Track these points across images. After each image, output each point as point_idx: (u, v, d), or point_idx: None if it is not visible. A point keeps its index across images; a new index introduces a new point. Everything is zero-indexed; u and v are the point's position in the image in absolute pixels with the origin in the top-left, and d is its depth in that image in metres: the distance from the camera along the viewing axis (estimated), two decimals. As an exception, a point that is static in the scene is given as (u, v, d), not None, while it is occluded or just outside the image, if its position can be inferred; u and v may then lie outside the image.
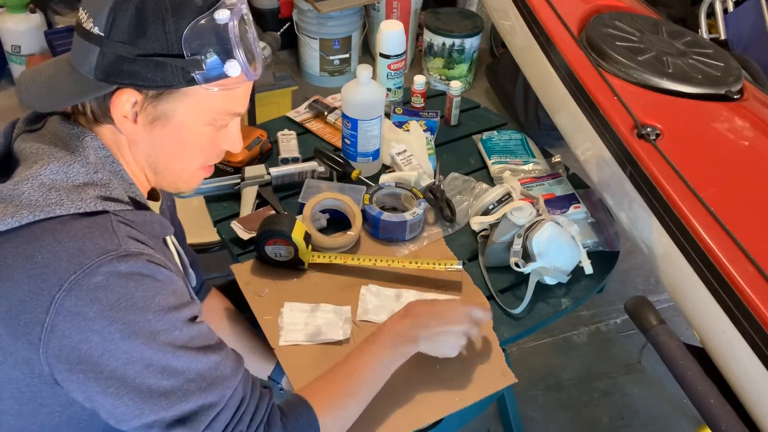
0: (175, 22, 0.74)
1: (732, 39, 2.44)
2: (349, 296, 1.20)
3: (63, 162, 0.78)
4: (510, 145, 1.57)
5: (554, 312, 1.23)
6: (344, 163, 1.43)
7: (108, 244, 0.75)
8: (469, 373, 1.09)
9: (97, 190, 0.79)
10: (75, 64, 0.79)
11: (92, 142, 0.82)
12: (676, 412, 1.93)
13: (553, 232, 1.21)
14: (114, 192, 0.81)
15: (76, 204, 0.76)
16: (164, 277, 0.78)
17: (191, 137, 0.83)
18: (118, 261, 0.74)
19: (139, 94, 0.78)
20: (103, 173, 0.81)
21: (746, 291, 0.98)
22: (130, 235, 0.78)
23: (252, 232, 1.28)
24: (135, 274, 0.75)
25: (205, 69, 0.76)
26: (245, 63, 0.78)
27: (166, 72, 0.76)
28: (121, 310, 0.74)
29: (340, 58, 3.09)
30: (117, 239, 0.76)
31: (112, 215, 0.78)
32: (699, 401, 1.00)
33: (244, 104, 0.85)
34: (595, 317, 2.20)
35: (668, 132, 1.21)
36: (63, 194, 0.76)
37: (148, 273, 0.76)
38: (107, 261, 0.74)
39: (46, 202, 0.75)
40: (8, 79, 3.01)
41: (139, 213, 0.83)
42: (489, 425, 1.86)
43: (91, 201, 0.77)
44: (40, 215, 0.75)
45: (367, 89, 1.38)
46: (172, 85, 0.77)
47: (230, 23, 0.76)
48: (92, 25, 0.76)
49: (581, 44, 1.41)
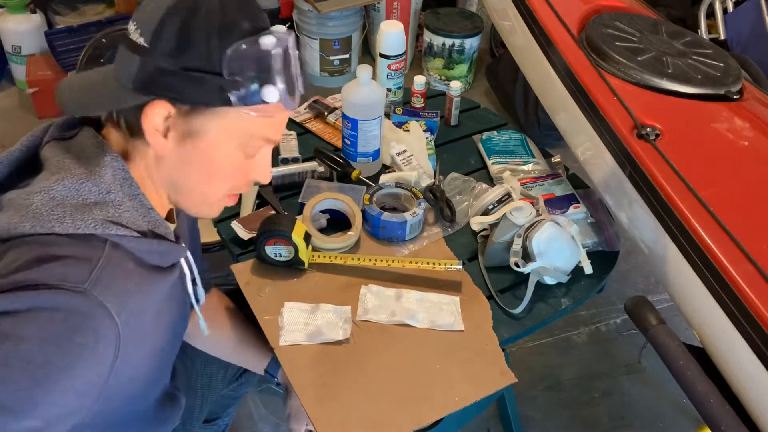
0: (220, 41, 0.75)
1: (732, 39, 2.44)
2: (349, 296, 1.20)
3: (77, 179, 0.78)
4: (510, 146, 1.57)
5: (554, 312, 1.23)
6: (344, 163, 1.43)
7: (74, 275, 0.72)
8: (469, 373, 1.09)
9: (104, 211, 0.77)
10: (116, 74, 0.80)
11: (112, 162, 0.80)
12: (676, 412, 1.93)
13: (553, 232, 1.21)
14: (124, 215, 0.79)
15: (76, 223, 0.75)
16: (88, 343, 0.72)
17: (221, 159, 0.82)
18: (68, 294, 0.71)
19: (172, 107, 0.77)
20: (116, 194, 0.79)
21: (746, 291, 0.98)
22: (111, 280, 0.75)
23: (252, 232, 1.28)
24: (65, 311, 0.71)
25: (242, 90, 0.76)
26: (284, 92, 0.78)
27: (204, 88, 0.76)
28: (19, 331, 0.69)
29: (340, 59, 3.09)
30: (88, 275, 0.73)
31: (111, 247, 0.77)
32: (699, 401, 1.00)
33: (278, 133, 0.84)
34: (595, 317, 2.20)
35: (668, 132, 1.21)
36: (68, 211, 0.75)
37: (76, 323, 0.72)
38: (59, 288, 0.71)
39: (49, 217, 0.75)
40: (8, 79, 3.01)
41: (144, 242, 0.80)
42: (489, 425, 1.86)
43: (92, 222, 0.76)
44: (40, 230, 0.74)
45: (367, 89, 1.38)
46: (207, 102, 0.77)
47: (274, 51, 0.76)
48: (138, 36, 0.77)
49: (581, 44, 1.41)
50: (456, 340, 1.14)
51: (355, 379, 1.07)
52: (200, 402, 1.30)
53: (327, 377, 1.07)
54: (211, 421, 1.47)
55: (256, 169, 0.86)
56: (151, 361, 0.89)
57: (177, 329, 0.99)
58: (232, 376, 1.37)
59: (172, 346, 0.98)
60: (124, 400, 0.87)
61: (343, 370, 1.09)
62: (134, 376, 0.86)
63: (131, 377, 0.85)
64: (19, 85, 2.95)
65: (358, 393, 1.06)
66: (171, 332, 0.95)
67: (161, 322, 0.89)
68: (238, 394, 1.46)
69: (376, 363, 1.10)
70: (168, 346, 0.95)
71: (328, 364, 1.09)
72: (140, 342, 0.82)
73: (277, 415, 1.83)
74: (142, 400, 0.95)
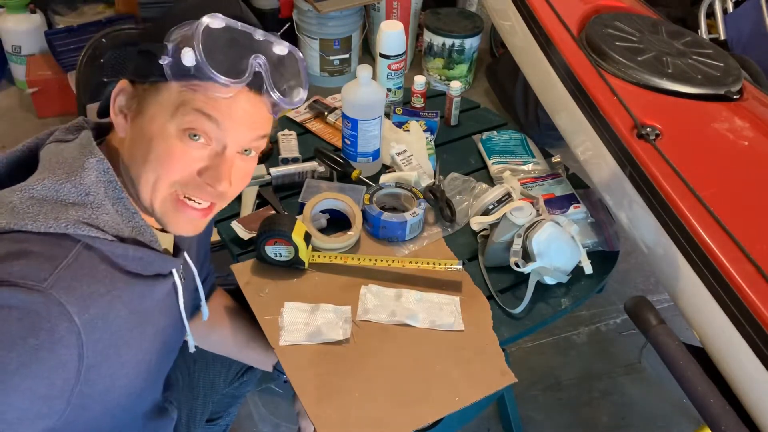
0: (177, 22, 0.78)
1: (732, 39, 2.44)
2: (349, 296, 1.20)
3: (57, 180, 0.77)
4: (510, 145, 1.57)
5: (554, 312, 1.23)
6: (344, 163, 1.43)
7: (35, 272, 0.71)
8: (469, 373, 1.09)
9: (80, 212, 0.76)
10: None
11: (97, 164, 0.80)
12: (676, 412, 1.93)
13: (553, 232, 1.21)
14: (102, 217, 0.78)
15: (48, 222, 0.74)
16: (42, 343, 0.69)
17: (155, 132, 0.79)
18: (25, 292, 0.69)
19: (130, 86, 0.81)
20: (96, 196, 0.78)
21: (746, 291, 0.98)
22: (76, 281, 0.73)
23: (252, 232, 1.28)
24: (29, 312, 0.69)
25: (169, 55, 0.76)
26: (203, 58, 0.75)
27: (148, 62, 0.78)
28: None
29: (340, 59, 3.09)
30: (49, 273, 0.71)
31: (83, 248, 0.75)
32: (699, 401, 1.00)
33: (217, 111, 0.78)
34: (595, 317, 2.20)
35: (668, 132, 1.21)
36: (43, 210, 0.75)
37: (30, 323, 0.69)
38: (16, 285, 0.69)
39: (24, 214, 0.74)
40: (8, 79, 3.01)
41: (118, 246, 0.78)
42: (489, 425, 1.86)
43: (65, 222, 0.74)
44: (14, 227, 0.73)
45: (367, 89, 1.38)
46: (150, 74, 0.78)
47: (212, 24, 0.77)
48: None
49: (581, 44, 1.41)
50: (456, 340, 1.14)
51: (355, 379, 1.07)
52: (202, 402, 1.30)
53: (327, 377, 1.07)
54: (213, 420, 1.47)
55: (209, 169, 0.80)
56: (133, 372, 0.85)
57: (169, 342, 0.95)
58: (234, 375, 1.37)
59: (162, 359, 0.94)
60: (102, 411, 0.83)
61: (343, 370, 1.09)
62: (110, 386, 0.81)
63: (107, 387, 0.81)
64: (19, 85, 2.95)
65: (358, 393, 1.06)
66: (160, 345, 0.91)
67: (146, 332, 0.85)
68: (240, 393, 1.46)
69: (376, 363, 1.10)
70: (156, 358, 0.91)
71: (328, 364, 1.09)
72: (114, 350, 0.79)
73: (277, 415, 1.83)
74: (126, 412, 0.89)
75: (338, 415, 1.03)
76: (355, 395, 1.05)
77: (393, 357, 1.11)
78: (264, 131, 0.84)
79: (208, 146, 0.80)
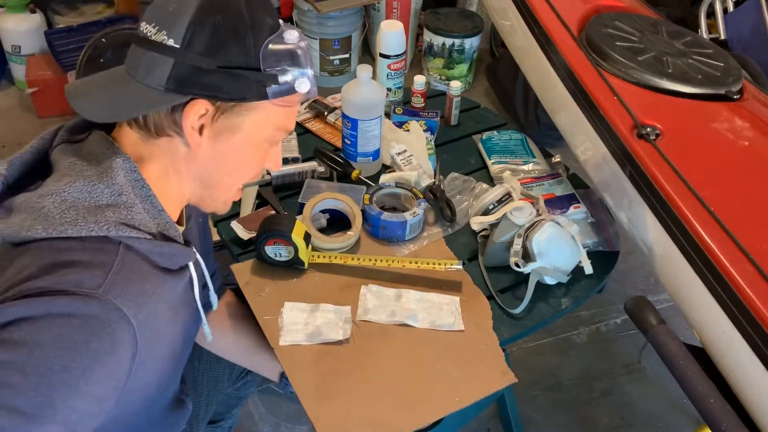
0: (254, 37, 0.78)
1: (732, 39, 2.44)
2: (349, 296, 1.20)
3: (88, 181, 0.78)
4: (510, 145, 1.57)
5: (554, 312, 1.23)
6: (344, 163, 1.43)
7: (89, 279, 0.73)
8: (469, 373, 1.09)
9: (117, 213, 0.77)
10: (138, 76, 0.79)
11: (124, 164, 0.80)
12: (676, 412, 1.93)
13: (553, 232, 1.21)
14: (137, 217, 0.79)
15: (89, 226, 0.75)
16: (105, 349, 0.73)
17: (251, 152, 0.86)
18: (84, 300, 0.71)
19: (211, 105, 0.79)
20: (128, 196, 0.79)
21: (746, 291, 0.98)
22: (127, 283, 0.75)
23: (252, 232, 1.28)
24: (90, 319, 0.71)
25: (280, 83, 0.80)
26: (313, 81, 0.82)
27: (242, 84, 0.78)
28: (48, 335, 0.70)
29: (340, 58, 3.09)
30: (103, 280, 0.73)
31: (125, 249, 0.77)
32: (699, 401, 1.00)
33: (294, 122, 0.89)
34: (595, 317, 2.20)
35: (668, 132, 1.21)
36: (80, 214, 0.75)
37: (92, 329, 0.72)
38: (74, 293, 0.71)
39: (62, 220, 0.75)
40: (8, 79, 3.01)
41: (156, 244, 0.81)
42: (489, 425, 1.86)
43: (105, 225, 0.76)
44: (53, 233, 0.74)
45: (367, 89, 1.38)
46: (245, 97, 0.79)
47: (301, 42, 0.81)
48: (165, 38, 0.76)
49: (581, 44, 1.41)
50: (456, 340, 1.14)
51: (355, 379, 1.07)
52: (206, 402, 1.30)
53: (327, 377, 1.07)
54: (216, 422, 1.46)
55: (271, 158, 0.90)
56: (165, 365, 0.89)
57: (189, 333, 0.99)
58: (238, 375, 1.37)
59: (184, 349, 0.98)
60: (139, 404, 0.87)
61: (343, 370, 1.09)
62: (150, 380, 0.86)
63: (147, 382, 0.85)
64: (18, 85, 2.95)
65: (358, 393, 1.06)
66: (184, 336, 0.95)
67: (176, 324, 0.89)
68: (243, 393, 1.46)
69: (376, 363, 1.10)
70: (180, 349, 0.95)
71: (328, 364, 1.09)
72: (156, 345, 0.83)
73: (277, 415, 1.83)
74: (154, 404, 0.94)
75: (338, 415, 1.03)
76: (355, 395, 1.05)
77: (393, 357, 1.11)
78: None
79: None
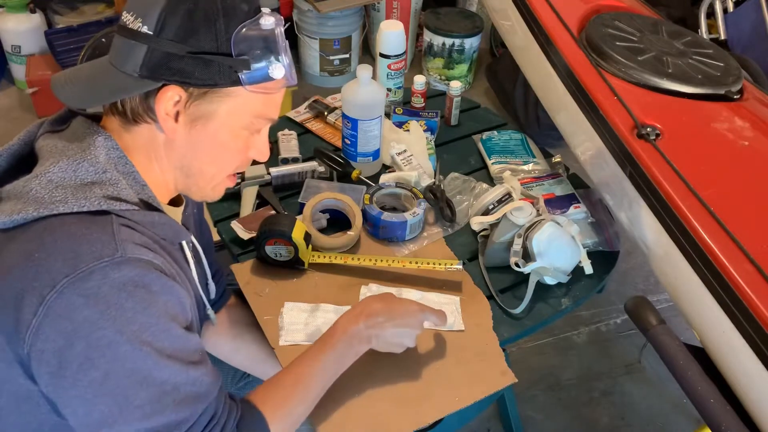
0: (225, 23, 0.78)
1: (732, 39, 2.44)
2: (349, 296, 1.20)
3: (73, 160, 0.79)
4: (510, 145, 1.57)
5: (554, 312, 1.23)
6: (344, 163, 1.43)
7: (104, 248, 0.74)
8: (469, 373, 1.09)
9: (104, 189, 0.79)
10: (117, 64, 0.80)
11: (105, 142, 0.82)
12: (676, 412, 1.93)
13: (553, 232, 1.21)
14: (122, 192, 0.80)
15: (80, 202, 0.76)
16: (159, 287, 0.77)
17: (229, 140, 0.85)
18: (112, 268, 0.74)
19: (184, 91, 0.80)
20: (112, 173, 0.81)
21: (746, 291, 0.98)
22: (131, 239, 0.77)
23: (252, 232, 1.28)
24: (128, 283, 0.74)
25: (252, 69, 0.79)
26: (288, 68, 0.82)
27: (213, 70, 0.78)
28: (110, 319, 0.73)
29: (340, 58, 3.09)
30: (114, 243, 0.75)
31: (115, 216, 0.78)
32: (699, 401, 1.00)
33: (278, 110, 0.87)
34: (595, 317, 2.20)
35: (668, 132, 1.21)
36: (68, 192, 0.77)
37: (141, 283, 0.75)
38: (100, 267, 0.73)
39: (51, 199, 0.76)
40: (8, 79, 3.01)
41: (147, 214, 0.82)
42: (489, 425, 1.86)
43: (96, 200, 0.77)
44: (44, 212, 0.75)
45: (367, 89, 1.38)
46: (218, 83, 0.79)
47: (276, 29, 0.80)
48: (140, 25, 0.78)
49: (581, 44, 1.41)
50: (456, 340, 1.14)
51: (354, 378, 1.07)
52: None
53: (327, 377, 1.07)
54: None
55: (255, 147, 0.89)
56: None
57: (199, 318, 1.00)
58: (240, 377, 1.36)
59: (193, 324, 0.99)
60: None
61: (343, 370, 1.09)
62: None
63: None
64: (18, 85, 2.95)
65: (358, 393, 1.06)
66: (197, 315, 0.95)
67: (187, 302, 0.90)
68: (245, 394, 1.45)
69: (376, 363, 1.10)
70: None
71: (328, 364, 1.09)
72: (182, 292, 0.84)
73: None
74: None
75: (338, 415, 1.03)
76: (354, 395, 1.05)
77: (393, 357, 1.11)
78: None
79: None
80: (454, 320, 1.17)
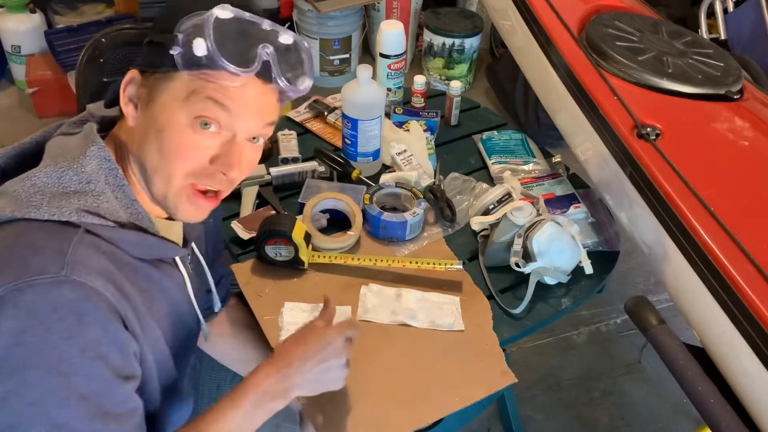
0: (185, 9, 0.80)
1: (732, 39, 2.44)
2: (350, 296, 1.20)
3: (59, 168, 0.79)
4: (510, 145, 1.57)
5: (554, 312, 1.23)
6: (344, 163, 1.43)
7: (51, 264, 0.72)
8: (469, 373, 1.09)
9: (82, 200, 0.77)
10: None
11: (98, 152, 0.81)
12: (676, 412, 1.93)
13: (553, 232, 1.21)
14: (103, 205, 0.79)
15: (51, 210, 0.75)
16: (93, 320, 0.73)
17: (168, 121, 0.79)
18: (52, 286, 0.71)
19: (140, 75, 0.81)
20: (97, 184, 0.79)
21: (746, 291, 0.98)
22: (85, 260, 0.74)
23: (252, 232, 1.28)
24: (62, 306, 0.71)
25: (180, 45, 0.77)
26: (214, 48, 0.76)
27: (160, 52, 0.79)
28: (33, 337, 0.69)
29: (340, 58, 3.09)
30: (62, 261, 0.72)
31: (84, 232, 0.76)
32: (699, 401, 1.00)
33: (229, 100, 0.79)
34: (595, 317, 2.20)
35: (668, 132, 1.21)
36: (45, 198, 0.76)
37: (76, 310, 0.71)
38: (42, 282, 0.70)
39: (28, 203, 0.76)
40: (8, 79, 3.01)
41: (123, 232, 0.79)
42: (489, 425, 1.86)
43: (68, 211, 0.76)
44: (18, 214, 0.75)
45: (367, 89, 1.38)
46: (158, 63, 0.79)
47: (220, 14, 0.78)
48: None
49: (581, 44, 1.41)
50: (456, 340, 1.14)
51: (355, 379, 1.07)
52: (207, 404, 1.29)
53: (327, 377, 1.07)
54: None
55: (220, 157, 0.81)
56: (159, 356, 0.87)
57: (191, 334, 0.98)
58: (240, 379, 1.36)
59: (184, 350, 0.97)
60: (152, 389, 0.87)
61: (343, 370, 1.09)
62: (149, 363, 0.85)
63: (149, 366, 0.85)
64: (18, 85, 2.95)
65: (358, 393, 1.06)
66: (183, 333, 0.94)
67: (168, 319, 0.88)
68: None
69: (376, 363, 1.10)
70: (180, 349, 0.94)
71: (328, 364, 1.09)
72: (144, 327, 0.82)
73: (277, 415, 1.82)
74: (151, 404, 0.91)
75: (338, 415, 1.03)
76: (355, 395, 1.05)
77: (393, 357, 1.11)
78: (272, 118, 0.86)
79: (219, 134, 0.81)
80: (454, 320, 1.17)
